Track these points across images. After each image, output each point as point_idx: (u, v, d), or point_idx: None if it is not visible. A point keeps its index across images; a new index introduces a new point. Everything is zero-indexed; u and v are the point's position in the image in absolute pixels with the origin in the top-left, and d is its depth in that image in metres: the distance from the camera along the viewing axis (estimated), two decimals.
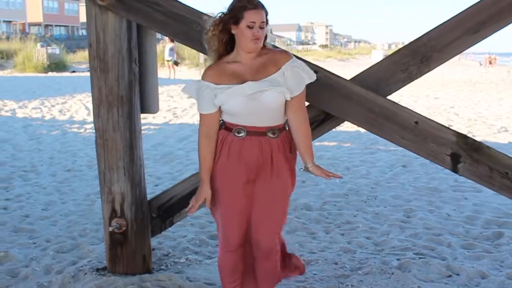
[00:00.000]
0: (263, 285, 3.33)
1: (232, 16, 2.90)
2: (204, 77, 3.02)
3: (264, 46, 3.01)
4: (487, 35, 3.45)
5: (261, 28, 2.88)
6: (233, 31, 2.93)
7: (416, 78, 3.58)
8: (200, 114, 3.07)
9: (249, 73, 2.96)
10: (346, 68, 34.82)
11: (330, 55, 64.91)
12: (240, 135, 3.00)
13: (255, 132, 2.98)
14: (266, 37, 3.00)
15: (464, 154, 3.45)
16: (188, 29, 3.59)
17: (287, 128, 3.09)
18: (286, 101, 2.98)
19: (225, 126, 3.06)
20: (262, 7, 2.90)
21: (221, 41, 2.99)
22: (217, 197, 3.17)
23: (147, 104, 3.95)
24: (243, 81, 2.94)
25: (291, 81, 2.97)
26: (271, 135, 3.00)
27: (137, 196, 3.92)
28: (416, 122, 3.48)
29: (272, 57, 3.00)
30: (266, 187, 3.07)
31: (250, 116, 2.97)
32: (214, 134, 3.06)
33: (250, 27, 2.86)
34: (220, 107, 2.99)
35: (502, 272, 4.13)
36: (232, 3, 2.93)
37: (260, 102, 2.92)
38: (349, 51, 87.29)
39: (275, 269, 3.31)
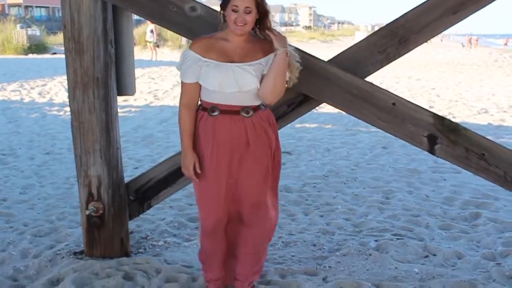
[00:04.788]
0: (244, 261, 3.37)
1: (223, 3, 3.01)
2: (192, 47, 3.08)
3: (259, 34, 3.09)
4: (465, 15, 3.44)
5: (247, 13, 2.93)
6: (224, 13, 3.02)
7: (394, 59, 3.57)
8: (183, 83, 3.12)
9: (237, 54, 3.03)
10: (330, 50, 34.78)
11: (314, 36, 64.95)
12: (214, 114, 3.06)
13: (228, 111, 3.04)
14: (265, 26, 3.04)
15: (441, 135, 3.45)
16: (164, 10, 3.54)
17: (264, 108, 3.14)
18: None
19: (202, 107, 3.12)
20: None
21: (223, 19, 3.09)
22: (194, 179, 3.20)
23: (124, 86, 3.91)
24: (230, 60, 3.01)
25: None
26: (245, 114, 3.05)
27: (114, 179, 3.89)
28: (394, 104, 3.47)
29: (264, 45, 3.07)
30: (245, 164, 3.11)
31: (226, 95, 3.02)
32: (195, 104, 3.14)
33: (234, 11, 2.94)
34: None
35: (478, 252, 4.17)
36: None
37: (238, 83, 2.99)
38: (332, 32, 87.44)
39: (256, 242, 3.33)
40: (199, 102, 3.16)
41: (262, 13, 3.00)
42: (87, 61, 3.64)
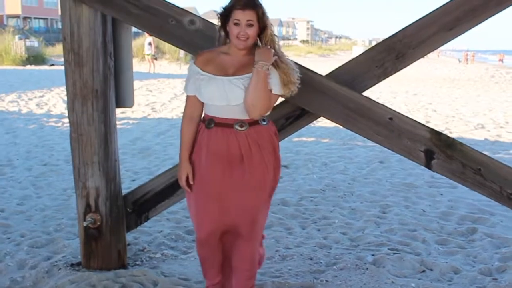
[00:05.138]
0: (240, 275, 3.37)
1: (224, 14, 3.04)
2: (195, 60, 3.16)
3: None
4: (462, 32, 3.48)
5: (249, 26, 2.98)
6: (227, 26, 3.06)
7: (391, 74, 3.60)
8: (186, 95, 3.21)
9: (233, 67, 3.08)
10: (327, 64, 34.90)
11: (311, 50, 65.16)
12: (210, 126, 3.12)
13: (222, 124, 3.09)
14: (270, 41, 3.06)
15: (438, 150, 3.47)
16: (163, 23, 3.58)
17: (265, 123, 3.14)
18: None
19: (203, 119, 3.19)
20: (252, 7, 2.98)
21: (222, 34, 3.15)
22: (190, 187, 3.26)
23: (122, 98, 3.93)
24: (224, 74, 3.06)
25: None
26: (239, 128, 3.08)
27: (112, 191, 3.90)
28: (391, 118, 3.50)
29: None
30: (238, 178, 3.13)
31: (220, 108, 3.07)
32: (197, 116, 3.21)
33: (236, 25, 2.98)
34: None
35: (475, 268, 4.17)
36: (227, 2, 3.06)
37: (227, 97, 3.03)
38: (330, 46, 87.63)
39: (253, 256, 3.35)
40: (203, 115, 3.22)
41: (262, 27, 3.02)
42: (87, 73, 3.67)
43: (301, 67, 3.45)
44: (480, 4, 3.38)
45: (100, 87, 3.70)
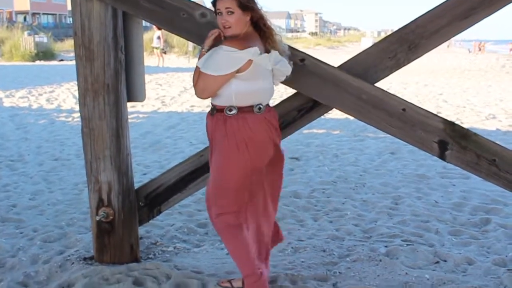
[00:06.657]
0: None
1: (214, 10, 3.16)
2: None
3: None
4: (476, 21, 3.44)
5: (230, 13, 3.05)
6: None
7: (404, 65, 3.57)
8: None
9: None
10: (336, 56, 34.83)
11: (320, 42, 65.07)
12: None
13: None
14: (267, 33, 3.17)
15: (452, 141, 3.45)
16: (174, 16, 3.56)
17: (230, 113, 3.14)
18: None
19: None
20: None
21: None
22: None
23: (134, 93, 3.92)
24: None
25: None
26: (211, 112, 3.26)
27: (124, 185, 3.89)
28: (404, 109, 3.47)
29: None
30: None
31: None
32: None
33: (218, 14, 3.10)
34: None
35: (489, 258, 4.14)
36: None
37: None
38: (338, 38, 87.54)
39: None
40: None
41: (250, 11, 3.08)
42: (98, 67, 3.66)
43: (313, 58, 3.45)
44: None
45: (112, 81, 3.69)
